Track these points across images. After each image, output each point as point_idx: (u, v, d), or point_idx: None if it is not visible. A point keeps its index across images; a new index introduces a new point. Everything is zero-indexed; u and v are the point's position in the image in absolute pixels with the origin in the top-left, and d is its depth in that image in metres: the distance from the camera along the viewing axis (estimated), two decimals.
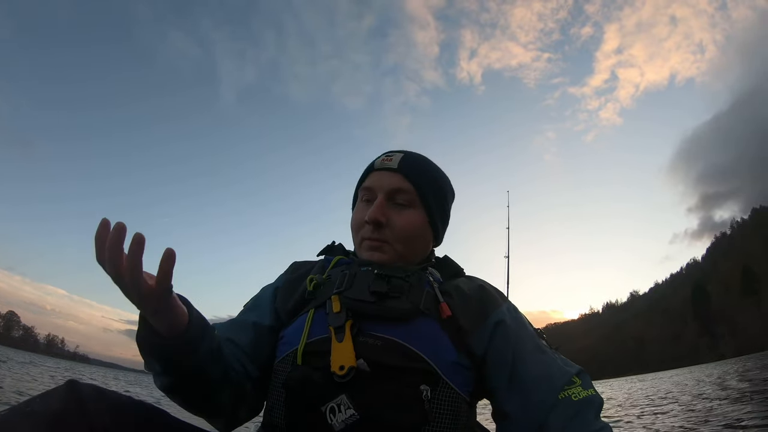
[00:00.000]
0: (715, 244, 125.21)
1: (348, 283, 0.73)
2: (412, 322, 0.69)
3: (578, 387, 0.68)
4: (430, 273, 0.79)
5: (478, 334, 0.71)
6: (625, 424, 4.24)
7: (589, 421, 0.64)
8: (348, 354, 0.63)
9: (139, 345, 0.63)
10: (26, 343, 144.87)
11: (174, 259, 0.53)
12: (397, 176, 0.82)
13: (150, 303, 0.56)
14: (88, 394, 0.54)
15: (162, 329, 0.59)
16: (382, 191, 0.81)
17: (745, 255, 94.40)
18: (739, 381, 8.34)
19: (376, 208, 0.79)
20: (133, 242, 0.51)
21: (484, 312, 0.74)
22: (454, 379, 0.67)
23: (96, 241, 0.51)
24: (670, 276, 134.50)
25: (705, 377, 13.34)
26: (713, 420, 3.56)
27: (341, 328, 0.67)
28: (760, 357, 34.66)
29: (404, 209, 0.81)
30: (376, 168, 0.84)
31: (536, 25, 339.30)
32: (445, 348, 0.68)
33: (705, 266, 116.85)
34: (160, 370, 0.63)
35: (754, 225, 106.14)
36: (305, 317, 0.72)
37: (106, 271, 0.52)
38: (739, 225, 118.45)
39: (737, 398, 5.10)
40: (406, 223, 0.80)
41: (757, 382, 7.20)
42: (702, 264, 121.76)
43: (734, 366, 20.54)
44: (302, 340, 0.69)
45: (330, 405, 0.61)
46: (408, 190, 0.81)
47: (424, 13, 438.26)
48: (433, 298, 0.73)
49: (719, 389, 7.02)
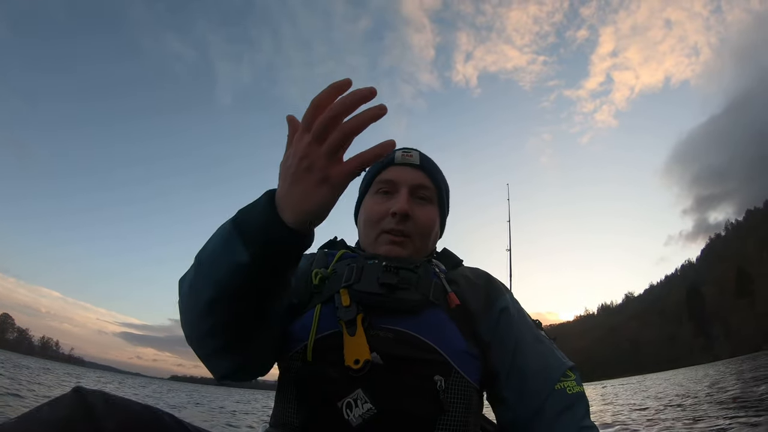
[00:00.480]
0: (710, 245, 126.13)
1: (356, 277, 0.73)
2: (422, 313, 0.69)
3: (572, 381, 0.70)
4: (435, 264, 0.80)
5: (486, 320, 0.74)
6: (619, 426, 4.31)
7: (581, 416, 0.67)
8: (362, 347, 0.63)
9: (243, 222, 0.55)
10: (21, 345, 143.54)
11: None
12: (420, 173, 0.84)
13: (338, 178, 0.51)
14: (95, 400, 0.55)
15: (290, 217, 0.53)
16: (406, 185, 0.82)
17: (740, 256, 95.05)
18: (732, 384, 8.48)
19: (405, 201, 0.79)
20: (375, 108, 0.48)
21: (490, 298, 0.76)
22: (464, 368, 0.67)
23: (332, 90, 0.48)
24: (665, 277, 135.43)
25: (694, 381, 13.48)
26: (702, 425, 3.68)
27: (352, 322, 0.66)
28: (754, 358, 34.81)
29: (426, 204, 0.84)
30: (397, 162, 0.85)
31: (532, 28, 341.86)
32: (455, 338, 0.69)
33: (700, 268, 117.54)
34: (247, 259, 0.54)
35: (749, 226, 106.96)
36: (312, 312, 0.70)
37: (318, 115, 0.49)
38: (733, 226, 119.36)
39: (726, 401, 5.21)
40: (428, 218, 0.83)
41: (749, 385, 7.41)
42: (697, 265, 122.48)
43: (729, 367, 20.63)
44: (311, 336, 0.67)
45: (346, 400, 0.61)
46: (429, 187, 0.84)
47: (419, 16, 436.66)
48: (441, 289, 0.74)
49: (716, 392, 7.16)
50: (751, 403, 4.70)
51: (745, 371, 14.83)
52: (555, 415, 0.67)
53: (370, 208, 0.85)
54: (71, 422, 0.50)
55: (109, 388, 16.16)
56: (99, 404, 0.54)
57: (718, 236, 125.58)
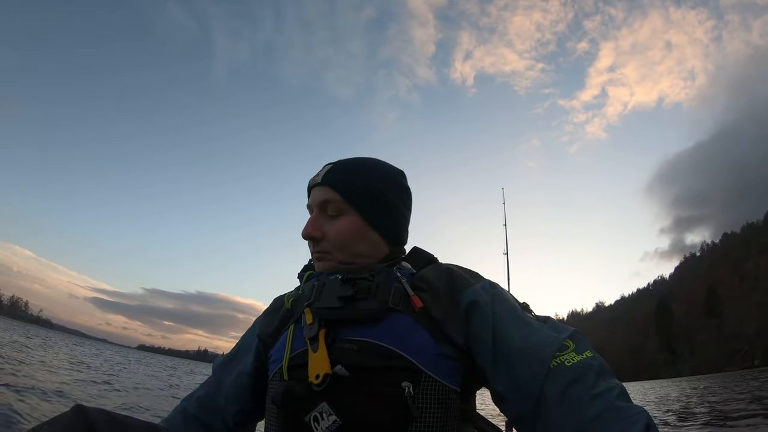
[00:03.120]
0: (684, 263, 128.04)
1: (317, 294, 0.75)
2: (384, 320, 0.68)
3: (571, 352, 0.62)
4: (398, 268, 0.79)
5: (453, 321, 0.69)
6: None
7: (591, 384, 0.58)
8: (323, 362, 0.64)
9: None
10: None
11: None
12: (324, 189, 0.83)
13: None
14: (96, 419, 0.53)
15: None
16: (316, 206, 0.84)
17: (712, 278, 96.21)
18: (677, 400, 9.51)
19: (307, 225, 0.82)
20: None
21: (453, 297, 0.72)
22: (437, 371, 0.65)
23: None
24: (637, 290, 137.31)
25: (642, 393, 14.56)
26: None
27: (315, 338, 0.68)
28: (714, 378, 34.91)
29: (335, 219, 0.82)
30: (309, 186, 0.87)
31: (534, 34, 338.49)
32: (422, 341, 0.67)
33: (672, 284, 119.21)
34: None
35: (724, 249, 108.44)
36: (287, 333, 0.75)
37: None
38: (709, 248, 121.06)
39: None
40: (338, 231, 0.81)
41: (694, 404, 8.40)
42: (669, 282, 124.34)
43: (691, 384, 20.33)
44: (286, 356, 0.71)
45: (313, 414, 0.62)
46: (334, 200, 0.82)
47: (425, 11, 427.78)
48: (402, 293, 0.72)
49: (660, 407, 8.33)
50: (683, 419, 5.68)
51: (700, 389, 16.08)
52: (558, 396, 0.58)
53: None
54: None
55: (77, 353, 14.99)
56: (100, 422, 0.53)
57: (693, 255, 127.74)
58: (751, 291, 79.97)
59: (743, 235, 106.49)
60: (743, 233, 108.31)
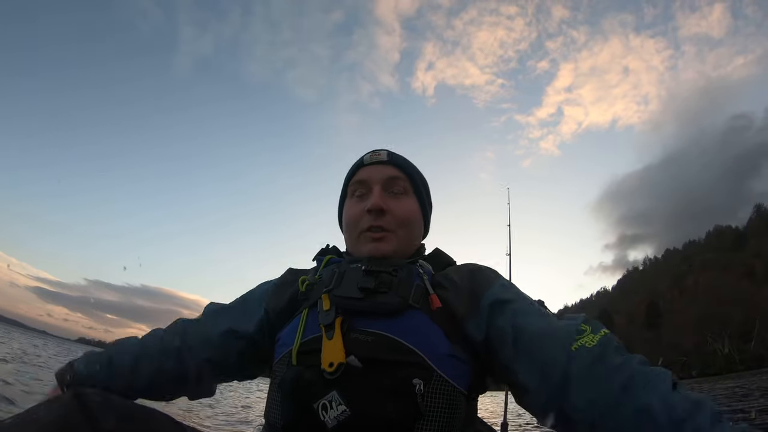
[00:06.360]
0: (627, 276, 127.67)
1: (337, 281, 0.74)
2: (402, 316, 0.68)
3: (589, 334, 0.63)
4: (420, 266, 0.78)
5: (473, 319, 0.70)
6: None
7: (611, 357, 0.59)
8: (337, 350, 0.64)
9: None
10: None
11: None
12: (390, 167, 0.85)
13: None
14: (93, 401, 0.54)
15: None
16: (378, 182, 0.83)
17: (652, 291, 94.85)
18: None
19: (377, 197, 0.81)
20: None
21: (476, 295, 0.73)
22: (448, 371, 0.66)
23: None
24: (580, 301, 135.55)
25: None
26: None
27: (331, 326, 0.67)
28: None
29: (401, 197, 0.84)
30: (366, 163, 0.87)
31: (496, 51, 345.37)
32: (438, 340, 0.67)
33: (614, 296, 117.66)
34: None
35: (666, 264, 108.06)
36: (299, 318, 0.73)
37: None
38: (651, 263, 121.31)
39: None
40: (406, 209, 0.82)
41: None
42: (612, 294, 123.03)
43: None
44: (296, 341, 0.69)
45: (322, 402, 0.61)
46: (402, 179, 0.85)
47: (392, 19, 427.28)
48: (422, 291, 0.72)
49: None
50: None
51: None
52: (584, 376, 0.59)
53: (348, 212, 0.87)
54: (69, 422, 0.49)
55: (17, 347, 11.84)
56: (97, 403, 0.54)
57: (636, 269, 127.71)
58: (690, 304, 78.01)
59: (685, 252, 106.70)
60: (685, 250, 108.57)
